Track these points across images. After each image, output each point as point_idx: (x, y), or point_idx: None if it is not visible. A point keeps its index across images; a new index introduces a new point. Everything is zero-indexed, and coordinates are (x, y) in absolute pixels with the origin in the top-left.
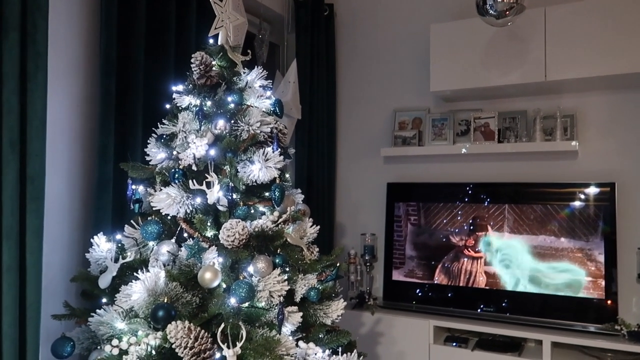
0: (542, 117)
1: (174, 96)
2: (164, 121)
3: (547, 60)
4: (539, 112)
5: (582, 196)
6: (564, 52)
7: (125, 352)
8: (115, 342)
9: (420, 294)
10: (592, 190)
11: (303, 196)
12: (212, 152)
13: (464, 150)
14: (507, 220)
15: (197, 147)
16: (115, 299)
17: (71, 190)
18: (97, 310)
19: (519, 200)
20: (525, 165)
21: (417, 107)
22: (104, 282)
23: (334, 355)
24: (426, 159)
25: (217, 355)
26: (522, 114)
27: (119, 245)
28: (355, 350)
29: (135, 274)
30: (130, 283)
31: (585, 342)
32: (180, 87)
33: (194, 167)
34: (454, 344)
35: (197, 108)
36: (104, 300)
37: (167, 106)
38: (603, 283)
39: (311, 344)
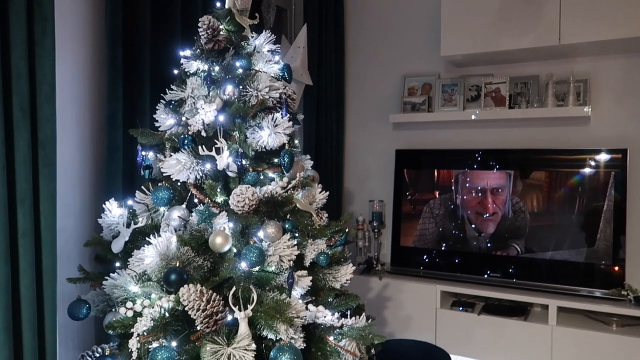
0: (555, 82)
1: (181, 61)
2: (172, 87)
3: (561, 23)
4: (552, 77)
5: (593, 163)
6: (579, 15)
7: (140, 314)
8: (129, 304)
9: (427, 260)
10: (604, 157)
11: (312, 162)
12: (221, 117)
13: (473, 117)
14: (516, 187)
15: (206, 113)
16: (128, 263)
17: (82, 156)
18: (111, 274)
19: (529, 167)
20: (536, 132)
21: (427, 72)
22: (117, 246)
23: (343, 318)
24: (435, 125)
25: (229, 317)
26: (534, 79)
27: (131, 210)
28: (363, 314)
29: (147, 238)
30: (142, 247)
31: (591, 307)
32: (187, 52)
33: (203, 133)
34: (461, 308)
35: (205, 73)
36: (117, 264)
37: (175, 72)
38: (611, 249)
39: (320, 307)
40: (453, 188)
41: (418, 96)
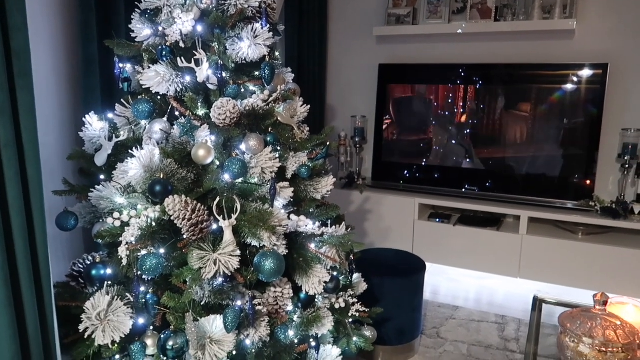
0: None
1: None
2: None
3: None
4: None
5: (575, 78)
6: None
7: (127, 224)
8: (116, 215)
9: (407, 175)
10: (585, 72)
11: (293, 75)
12: (199, 28)
13: (459, 31)
14: (498, 102)
15: (184, 23)
16: (112, 175)
17: (57, 69)
18: (96, 186)
19: (512, 82)
20: (521, 46)
21: None
22: (100, 159)
23: (324, 227)
24: (420, 39)
25: (214, 226)
26: None
27: (112, 124)
28: (343, 223)
29: (130, 151)
30: (126, 160)
31: (560, 217)
32: None
33: (182, 44)
34: (437, 219)
35: None
36: (102, 177)
37: None
38: (584, 163)
39: (302, 217)
40: (435, 104)
41: (403, 8)
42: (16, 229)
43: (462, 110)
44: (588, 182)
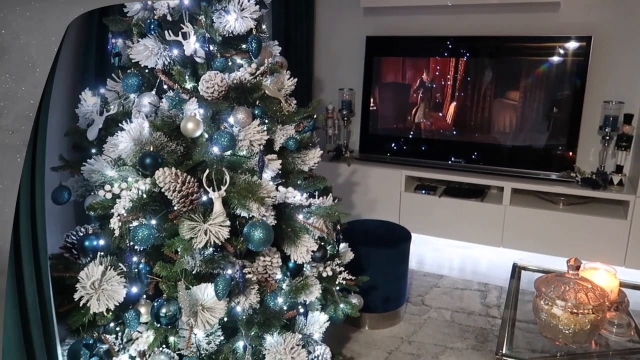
0: None
1: None
2: None
3: None
4: None
5: (560, 51)
6: None
7: (118, 197)
8: (107, 187)
9: (395, 147)
10: (569, 45)
11: (280, 48)
12: (186, 1)
13: (449, 3)
14: (485, 74)
15: None
16: (103, 149)
17: None
18: (88, 160)
19: (499, 55)
20: (508, 18)
21: None
22: (92, 134)
23: (311, 198)
24: (408, 10)
25: (204, 198)
26: None
27: (103, 99)
28: (330, 194)
29: (120, 125)
30: (116, 134)
31: (541, 188)
32: None
33: (169, 17)
34: (423, 191)
35: None
36: (94, 151)
37: None
38: (567, 135)
39: (290, 188)
40: (423, 76)
41: None
42: (22, 207)
43: (449, 83)
44: (570, 153)
